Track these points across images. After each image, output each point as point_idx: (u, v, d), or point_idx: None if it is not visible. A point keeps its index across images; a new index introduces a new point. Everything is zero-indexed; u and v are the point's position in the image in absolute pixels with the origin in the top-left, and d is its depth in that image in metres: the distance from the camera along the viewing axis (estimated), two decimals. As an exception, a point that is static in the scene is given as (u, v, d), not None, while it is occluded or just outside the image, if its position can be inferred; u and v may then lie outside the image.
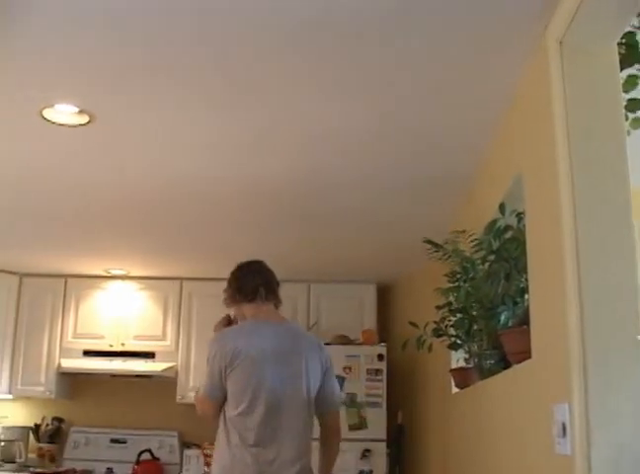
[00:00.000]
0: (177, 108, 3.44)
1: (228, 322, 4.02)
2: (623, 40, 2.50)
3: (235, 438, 3.61)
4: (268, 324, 3.86)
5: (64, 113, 3.49)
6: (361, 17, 2.63)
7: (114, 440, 6.98)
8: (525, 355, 2.80)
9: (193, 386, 6.19)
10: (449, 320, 3.94)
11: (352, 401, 5.88)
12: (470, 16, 2.60)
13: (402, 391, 6.45)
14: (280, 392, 3.65)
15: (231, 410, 3.64)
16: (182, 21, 2.67)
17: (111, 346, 6.90)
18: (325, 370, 3.84)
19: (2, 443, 6.80)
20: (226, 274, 6.60)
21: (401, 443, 6.35)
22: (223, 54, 2.91)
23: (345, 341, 6.22)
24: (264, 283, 3.95)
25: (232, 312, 4.01)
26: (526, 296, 3.05)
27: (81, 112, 3.48)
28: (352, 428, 5.86)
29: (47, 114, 3.50)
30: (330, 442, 3.92)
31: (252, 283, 3.94)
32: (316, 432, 3.83)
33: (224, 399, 3.68)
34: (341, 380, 5.86)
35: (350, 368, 5.92)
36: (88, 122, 3.58)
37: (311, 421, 3.77)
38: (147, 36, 2.77)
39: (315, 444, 3.82)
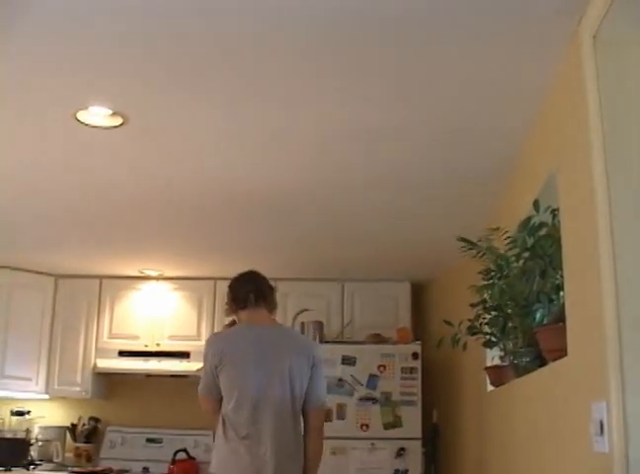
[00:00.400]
0: (211, 108, 3.46)
1: (233, 325, 4.37)
2: (658, 35, 2.48)
3: (231, 433, 3.97)
4: (255, 327, 4.21)
5: (98, 115, 3.52)
6: (395, 17, 2.63)
7: (149, 440, 7.02)
8: (562, 352, 2.78)
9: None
10: (484, 318, 3.92)
11: (386, 399, 5.88)
12: (503, 13, 2.58)
13: (437, 389, 6.44)
14: (262, 392, 4.00)
15: (226, 406, 4.02)
16: (214, 21, 2.67)
17: (146, 346, 6.95)
18: (312, 370, 4.11)
19: (40, 443, 6.87)
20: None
21: (436, 442, 6.34)
22: (264, 54, 2.92)
23: (379, 339, 6.20)
24: (253, 290, 4.24)
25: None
26: (562, 293, 3.04)
27: (114, 114, 3.50)
28: (386, 426, 5.85)
29: (81, 116, 3.52)
30: (311, 440, 4.13)
31: (243, 292, 4.26)
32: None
33: (220, 396, 4.08)
34: (375, 379, 5.86)
35: (384, 367, 5.91)
36: (121, 124, 3.60)
37: (298, 418, 4.07)
38: (180, 36, 2.79)
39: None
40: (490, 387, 4.49)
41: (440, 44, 2.82)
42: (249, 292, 4.24)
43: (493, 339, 3.87)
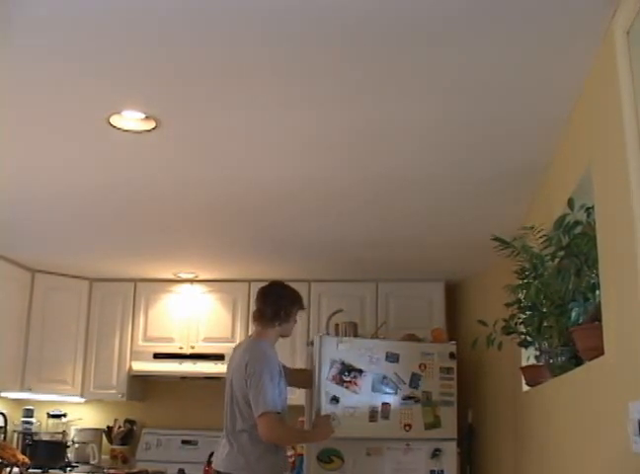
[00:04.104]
0: (244, 109, 3.45)
1: None
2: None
3: None
4: (238, 348, 4.80)
5: (131, 119, 3.53)
6: (433, 18, 2.62)
7: (185, 442, 7.06)
8: (598, 351, 2.76)
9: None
10: (519, 317, 3.90)
11: (427, 399, 5.82)
12: (534, 10, 2.56)
13: (472, 390, 6.41)
14: (225, 405, 4.56)
15: None
16: (250, 21, 2.67)
17: (180, 348, 6.98)
18: (246, 379, 4.40)
19: (76, 445, 6.93)
20: (293, 275, 6.66)
21: (472, 443, 6.31)
22: (294, 55, 2.91)
23: (413, 340, 6.16)
24: (255, 308, 4.78)
25: None
26: (598, 292, 3.01)
27: (147, 118, 3.51)
28: (427, 426, 5.80)
29: (114, 120, 3.54)
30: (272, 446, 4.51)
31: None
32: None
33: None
34: (417, 377, 5.80)
35: (424, 366, 5.85)
36: (154, 128, 3.61)
37: (240, 429, 4.43)
38: (213, 37, 2.78)
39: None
40: (525, 387, 4.47)
41: (471, 43, 2.80)
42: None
43: (528, 338, 3.85)
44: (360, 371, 5.69)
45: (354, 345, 5.77)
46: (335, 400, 5.56)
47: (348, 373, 5.67)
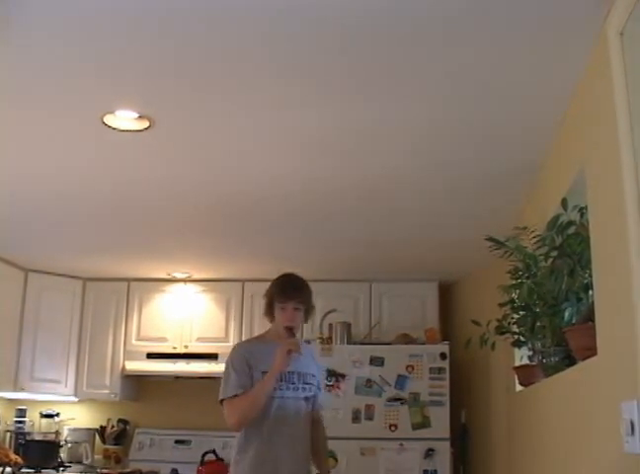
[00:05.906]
0: (243, 109, 3.46)
1: None
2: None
3: None
4: None
5: (125, 118, 3.53)
6: (433, 18, 2.63)
7: (178, 441, 7.05)
8: (591, 351, 2.76)
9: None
10: (512, 317, 3.91)
11: (414, 400, 5.87)
12: (529, 12, 2.57)
13: (465, 390, 6.42)
14: None
15: None
16: (251, 21, 2.67)
17: (174, 348, 6.98)
18: None
19: (69, 445, 6.91)
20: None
21: (465, 442, 6.32)
22: (294, 55, 2.92)
23: (407, 340, 6.20)
24: None
25: None
26: (591, 292, 3.02)
27: (141, 117, 3.51)
28: (415, 427, 5.84)
29: (108, 120, 3.54)
30: None
31: None
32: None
33: None
34: (404, 379, 5.86)
35: (412, 367, 5.91)
36: (148, 127, 3.62)
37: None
38: (213, 37, 2.79)
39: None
40: (519, 387, 4.48)
41: (468, 44, 2.81)
42: None
43: (521, 338, 3.86)
44: (343, 376, 5.80)
45: (336, 352, 5.89)
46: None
47: (330, 378, 5.78)
